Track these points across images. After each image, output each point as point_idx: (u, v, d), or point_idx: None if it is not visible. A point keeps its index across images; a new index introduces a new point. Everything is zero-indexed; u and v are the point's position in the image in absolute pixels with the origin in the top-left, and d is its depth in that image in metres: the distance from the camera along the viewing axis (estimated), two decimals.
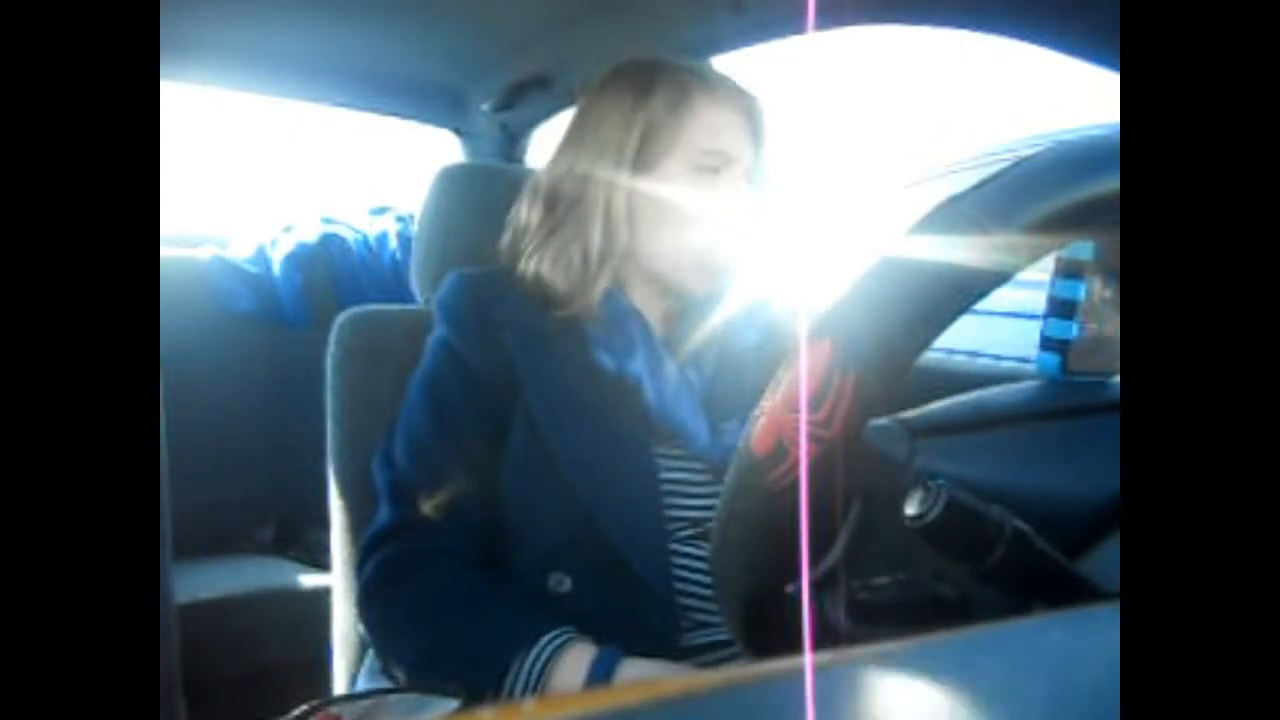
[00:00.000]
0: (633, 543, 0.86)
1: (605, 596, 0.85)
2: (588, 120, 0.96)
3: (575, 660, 0.79)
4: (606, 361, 0.91)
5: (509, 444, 0.90)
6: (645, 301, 0.96)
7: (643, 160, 0.92)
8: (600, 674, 0.77)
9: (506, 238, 0.98)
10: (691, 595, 0.87)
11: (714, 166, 0.92)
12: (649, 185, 0.92)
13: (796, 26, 1.10)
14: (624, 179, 0.92)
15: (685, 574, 0.87)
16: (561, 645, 0.79)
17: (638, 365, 0.90)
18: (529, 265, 0.94)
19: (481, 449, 0.90)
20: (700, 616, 0.87)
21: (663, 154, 0.92)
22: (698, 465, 0.91)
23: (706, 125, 0.92)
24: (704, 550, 0.88)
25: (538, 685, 0.78)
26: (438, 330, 0.95)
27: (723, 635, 0.86)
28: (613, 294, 0.93)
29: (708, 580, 0.86)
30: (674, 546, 0.88)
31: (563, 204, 0.94)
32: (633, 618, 0.84)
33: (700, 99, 0.93)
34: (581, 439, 0.89)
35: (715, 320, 0.94)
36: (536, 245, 0.94)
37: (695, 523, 0.89)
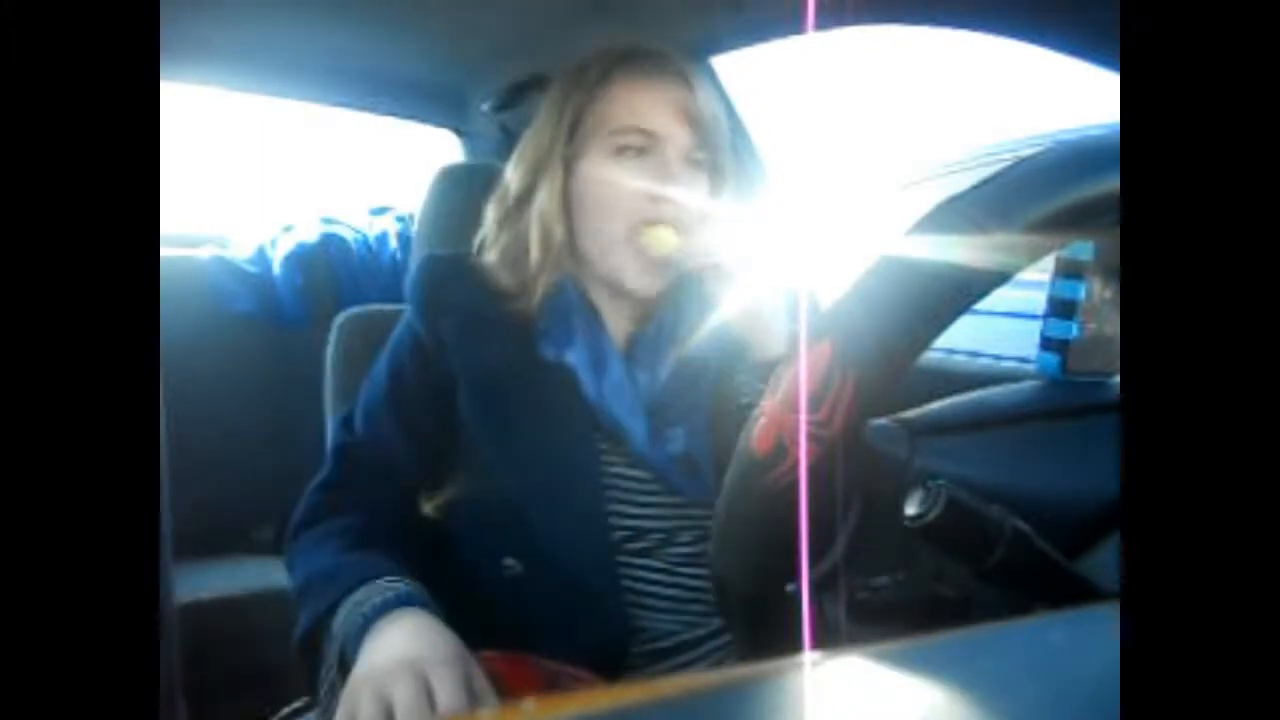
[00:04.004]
0: (573, 550, 0.84)
1: (553, 587, 0.84)
2: (537, 117, 0.94)
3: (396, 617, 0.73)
4: (548, 352, 0.88)
5: (456, 430, 0.90)
6: (604, 304, 0.92)
7: (571, 149, 0.90)
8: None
9: (478, 235, 0.97)
10: (639, 606, 0.84)
11: (635, 146, 0.87)
12: (577, 174, 0.90)
13: (796, 26, 1.10)
14: (557, 170, 0.90)
15: (630, 583, 0.85)
16: (388, 601, 0.74)
17: (575, 355, 0.87)
18: (487, 258, 0.94)
19: (432, 427, 0.90)
20: (645, 623, 0.84)
21: (586, 140, 0.89)
22: (643, 470, 0.87)
23: (624, 103, 0.88)
24: (650, 559, 0.86)
25: (362, 631, 0.73)
26: (406, 309, 0.95)
27: (669, 643, 0.85)
28: (565, 284, 0.90)
29: (652, 589, 0.85)
30: (620, 559, 0.85)
31: (511, 199, 0.93)
32: (583, 614, 0.83)
33: (619, 78, 0.89)
34: (518, 433, 0.87)
35: (681, 331, 0.89)
36: (490, 240, 0.94)
37: (641, 532, 0.86)
